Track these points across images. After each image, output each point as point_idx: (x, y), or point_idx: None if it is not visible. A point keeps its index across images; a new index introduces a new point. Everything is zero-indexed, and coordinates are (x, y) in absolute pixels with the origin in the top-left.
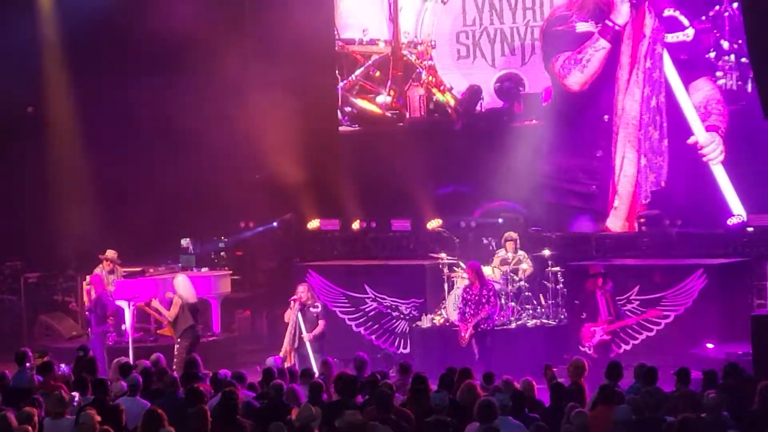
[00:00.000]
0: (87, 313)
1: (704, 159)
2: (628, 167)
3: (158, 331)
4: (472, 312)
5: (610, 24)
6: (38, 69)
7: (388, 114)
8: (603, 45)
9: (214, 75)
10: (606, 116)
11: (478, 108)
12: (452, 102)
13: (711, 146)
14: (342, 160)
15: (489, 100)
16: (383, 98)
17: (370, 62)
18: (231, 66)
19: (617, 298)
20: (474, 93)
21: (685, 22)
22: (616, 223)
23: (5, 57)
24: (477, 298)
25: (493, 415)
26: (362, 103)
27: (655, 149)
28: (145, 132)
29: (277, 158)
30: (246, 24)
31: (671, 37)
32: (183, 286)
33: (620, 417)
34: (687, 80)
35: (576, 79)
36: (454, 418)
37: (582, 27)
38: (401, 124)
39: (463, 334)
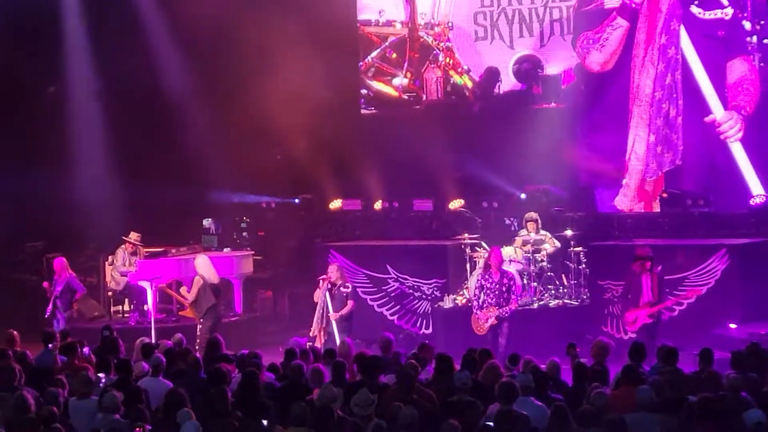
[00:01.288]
0: (54, 297)
1: (721, 137)
2: (638, 146)
3: (180, 312)
4: (490, 301)
5: (628, 2)
6: (59, 48)
7: (405, 96)
8: (620, 23)
9: (236, 54)
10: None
11: (496, 90)
12: (470, 84)
13: (728, 123)
14: (364, 141)
15: (507, 82)
16: (400, 80)
17: (386, 44)
18: (252, 45)
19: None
20: (492, 75)
21: (725, 1)
22: (623, 201)
23: (27, 36)
24: (498, 286)
25: (514, 395)
26: (378, 86)
27: (671, 126)
28: (167, 111)
29: (299, 138)
30: (267, 3)
31: (709, 14)
32: (204, 267)
33: (643, 397)
34: (724, 58)
35: (596, 59)
36: (477, 398)
37: (611, 2)
38: (418, 106)
39: (482, 323)
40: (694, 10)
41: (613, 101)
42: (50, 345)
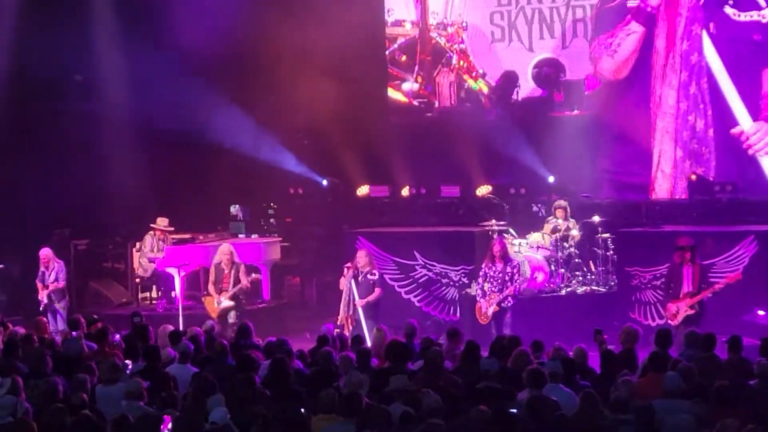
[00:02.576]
0: (49, 288)
1: (750, 151)
2: (665, 162)
3: (203, 298)
4: (493, 289)
5: (643, 5)
6: (87, 35)
7: (415, 102)
8: (635, 29)
9: (260, 41)
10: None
11: (513, 96)
12: (485, 89)
13: (757, 135)
14: (391, 126)
15: (526, 87)
16: (410, 85)
17: (395, 46)
18: (278, 32)
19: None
20: (509, 80)
21: (762, 2)
22: None
23: (54, 24)
24: (501, 275)
25: (542, 382)
26: (388, 97)
27: (700, 139)
28: (195, 99)
29: (327, 124)
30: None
31: (745, 16)
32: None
33: (670, 384)
34: (760, 65)
35: (607, 66)
36: (505, 384)
37: (633, 2)
38: (429, 114)
39: (484, 311)
40: (729, 11)
41: (634, 112)
42: (75, 333)
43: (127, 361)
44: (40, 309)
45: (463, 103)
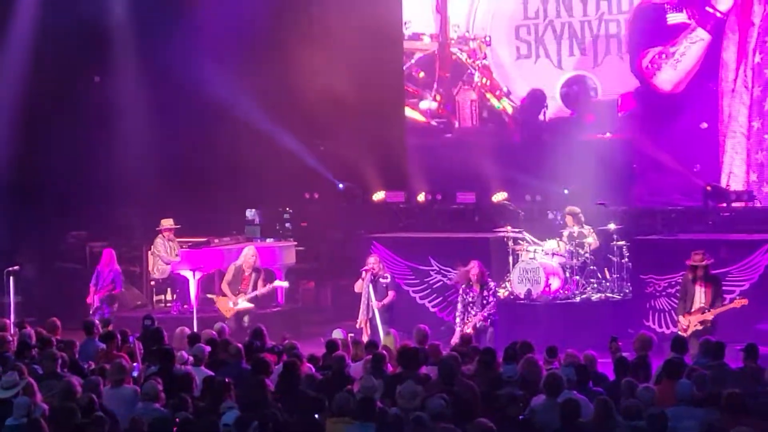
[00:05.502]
0: (102, 290)
1: None
2: (735, 185)
3: (214, 298)
4: (472, 314)
5: (711, 11)
6: (106, 37)
7: (434, 122)
8: (701, 36)
9: (277, 49)
10: (704, 123)
11: (540, 117)
12: (510, 109)
13: None
14: (407, 132)
15: (554, 107)
16: (428, 104)
17: (412, 61)
18: (294, 40)
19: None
20: (536, 99)
21: None
22: None
23: (73, 25)
24: (480, 300)
25: (560, 388)
26: (405, 106)
27: None
28: (210, 104)
29: (343, 129)
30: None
31: None
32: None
33: (682, 391)
34: None
35: (668, 77)
36: (523, 391)
37: (675, 18)
38: (449, 135)
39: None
40: None
41: (687, 129)
42: (90, 335)
43: (134, 364)
44: (90, 312)
45: (486, 123)
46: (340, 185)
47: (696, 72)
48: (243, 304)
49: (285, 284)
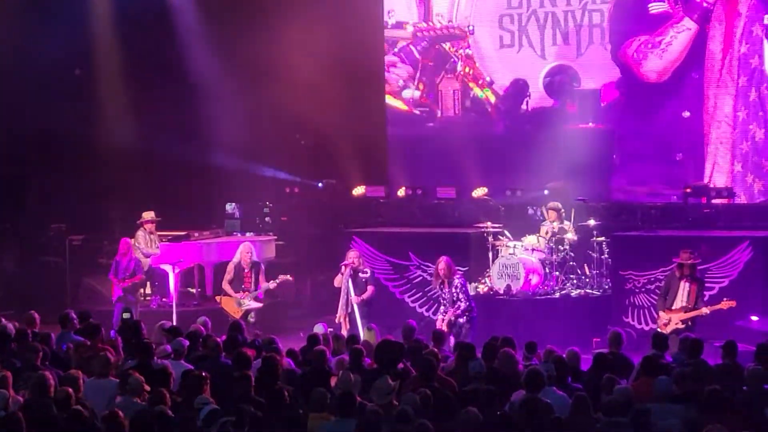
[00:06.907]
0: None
1: None
2: (719, 176)
3: (219, 299)
4: (446, 310)
5: (698, 0)
6: (86, 30)
7: (416, 111)
8: (688, 25)
9: (260, 38)
10: (686, 112)
11: (523, 106)
12: (492, 99)
13: None
14: (388, 122)
15: (537, 97)
16: (410, 93)
17: (395, 50)
18: (276, 29)
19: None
20: (519, 88)
21: None
22: None
23: (53, 18)
24: (449, 296)
25: (541, 384)
26: (385, 98)
27: (760, 151)
28: (193, 96)
29: (323, 124)
30: None
31: None
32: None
33: (660, 388)
34: None
35: (654, 66)
36: (494, 386)
37: (656, 7)
38: (431, 124)
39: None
40: None
41: (670, 119)
42: (65, 328)
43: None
44: (114, 300)
45: (468, 113)
46: (319, 184)
47: (681, 61)
48: (252, 303)
49: (288, 278)
